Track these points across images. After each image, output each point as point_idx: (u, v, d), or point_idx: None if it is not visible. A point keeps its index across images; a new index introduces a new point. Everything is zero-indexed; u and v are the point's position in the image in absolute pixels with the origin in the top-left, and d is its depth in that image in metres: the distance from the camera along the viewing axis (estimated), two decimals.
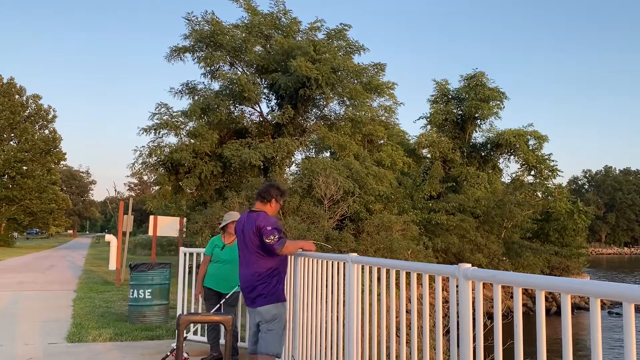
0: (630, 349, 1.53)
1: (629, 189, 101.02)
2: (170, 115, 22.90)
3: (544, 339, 1.88)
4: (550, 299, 22.02)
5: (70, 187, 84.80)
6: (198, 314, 2.33)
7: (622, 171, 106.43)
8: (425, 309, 2.88)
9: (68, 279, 16.77)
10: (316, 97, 24.25)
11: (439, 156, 30.97)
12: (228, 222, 6.02)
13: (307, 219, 18.46)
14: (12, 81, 45.41)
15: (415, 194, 26.12)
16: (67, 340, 7.00)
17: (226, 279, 5.81)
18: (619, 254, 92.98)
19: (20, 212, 44.60)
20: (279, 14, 25.28)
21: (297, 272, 4.78)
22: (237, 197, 19.22)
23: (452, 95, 34.54)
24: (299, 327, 4.68)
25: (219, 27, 24.13)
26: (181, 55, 24.91)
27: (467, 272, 2.26)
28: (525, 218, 25.83)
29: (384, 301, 2.87)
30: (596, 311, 1.64)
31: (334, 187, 18.90)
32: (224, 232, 6.06)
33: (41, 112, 47.80)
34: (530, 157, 32.20)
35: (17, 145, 44.31)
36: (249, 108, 25.30)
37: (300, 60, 21.62)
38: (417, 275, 2.79)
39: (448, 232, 23.38)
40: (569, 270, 26.96)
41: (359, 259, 3.60)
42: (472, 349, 2.25)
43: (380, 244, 17.70)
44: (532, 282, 1.90)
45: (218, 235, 6.18)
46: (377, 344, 3.21)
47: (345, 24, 24.91)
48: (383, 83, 25.42)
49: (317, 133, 24.41)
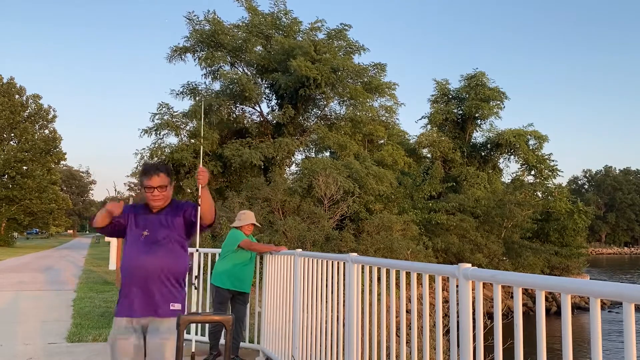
0: (630, 349, 1.53)
1: (629, 189, 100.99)
2: (171, 116, 22.92)
3: (544, 339, 1.88)
4: (550, 299, 22.01)
5: (70, 187, 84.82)
6: (198, 314, 2.33)
7: (622, 171, 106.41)
8: (425, 309, 2.88)
9: (68, 278, 16.77)
10: (316, 97, 24.26)
11: (439, 156, 30.97)
12: (248, 223, 5.80)
13: (307, 218, 18.46)
14: (12, 81, 45.41)
15: (415, 194, 26.11)
16: (67, 340, 6.99)
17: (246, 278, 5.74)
18: (619, 253, 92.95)
19: (20, 212, 44.59)
20: (280, 13, 25.29)
21: (297, 272, 4.77)
22: (237, 197, 19.22)
23: (453, 95, 34.55)
24: (299, 327, 4.68)
25: (220, 26, 24.16)
26: (182, 55, 24.94)
27: (467, 272, 2.26)
28: (525, 218, 25.83)
29: (384, 301, 2.87)
30: (596, 311, 1.64)
31: (334, 187, 18.90)
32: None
33: (41, 112, 47.79)
34: (530, 157, 32.21)
35: (17, 145, 44.32)
36: (249, 108, 25.33)
37: (301, 60, 21.63)
38: (417, 275, 2.79)
39: (448, 232, 23.39)
40: (569, 270, 26.96)
41: (359, 259, 3.59)
42: (472, 349, 2.25)
43: (380, 243, 17.70)
44: (532, 282, 1.90)
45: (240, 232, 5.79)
46: (377, 344, 3.21)
47: (345, 24, 24.95)
48: (384, 83, 25.42)
49: (317, 133, 24.41)
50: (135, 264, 3.15)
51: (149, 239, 3.18)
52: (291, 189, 20.13)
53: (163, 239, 3.20)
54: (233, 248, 5.66)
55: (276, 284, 5.49)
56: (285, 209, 19.16)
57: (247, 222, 5.80)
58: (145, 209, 3.31)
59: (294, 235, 17.05)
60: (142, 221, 3.26)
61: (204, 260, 6.90)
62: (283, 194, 19.30)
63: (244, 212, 5.94)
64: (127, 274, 3.17)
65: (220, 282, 5.64)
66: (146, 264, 3.13)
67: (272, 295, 5.62)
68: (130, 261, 3.17)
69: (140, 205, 3.39)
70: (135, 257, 3.15)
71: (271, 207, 19.02)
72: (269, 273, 5.76)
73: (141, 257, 3.14)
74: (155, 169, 3.22)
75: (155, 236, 3.19)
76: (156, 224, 3.24)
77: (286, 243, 16.22)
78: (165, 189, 3.24)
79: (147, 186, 3.20)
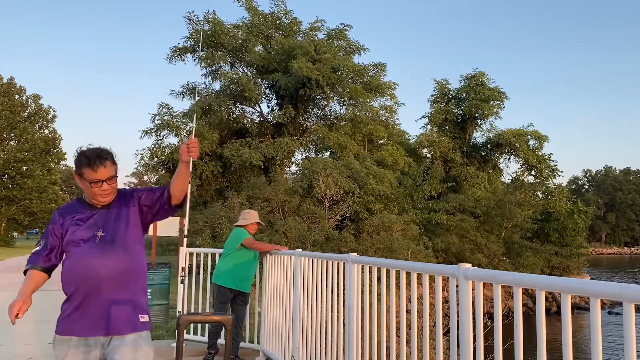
0: (630, 349, 1.53)
1: (629, 189, 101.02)
2: (171, 116, 22.93)
3: (544, 339, 1.88)
4: (550, 299, 22.01)
5: (70, 187, 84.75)
6: (198, 314, 2.31)
7: (622, 171, 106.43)
8: (425, 309, 2.88)
9: None
10: (316, 97, 24.28)
11: (439, 156, 30.97)
12: (253, 222, 5.79)
13: (307, 219, 18.46)
14: (12, 81, 45.40)
15: (415, 194, 26.11)
16: None
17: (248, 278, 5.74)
18: (619, 253, 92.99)
19: (20, 212, 44.58)
20: (280, 14, 25.31)
21: (297, 272, 4.77)
22: (237, 197, 19.22)
23: (453, 95, 34.55)
24: (299, 327, 4.68)
25: (220, 26, 24.17)
26: (182, 55, 24.94)
27: (467, 272, 2.26)
28: (525, 218, 25.83)
29: (384, 301, 2.86)
30: (596, 311, 1.64)
31: (334, 187, 18.90)
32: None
33: (41, 112, 47.77)
34: (531, 157, 32.21)
35: (17, 145, 44.31)
36: (249, 108, 25.34)
37: (301, 61, 21.64)
38: (417, 275, 2.78)
39: (448, 232, 23.39)
40: (569, 270, 26.95)
41: (359, 259, 3.59)
42: (472, 349, 2.25)
43: (380, 243, 17.71)
44: (532, 282, 1.90)
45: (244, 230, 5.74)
46: (377, 344, 3.21)
47: (345, 24, 24.98)
48: (384, 83, 25.44)
49: (317, 133, 24.42)
50: (91, 271, 2.51)
51: (105, 238, 2.58)
52: (291, 189, 20.14)
53: (121, 238, 2.62)
54: (236, 246, 5.61)
55: (276, 284, 5.48)
56: (285, 209, 19.16)
57: (252, 221, 5.78)
58: (84, 205, 2.70)
59: (294, 235, 17.04)
60: (88, 219, 2.63)
61: (204, 261, 6.90)
62: (283, 194, 19.31)
63: (248, 211, 5.92)
64: (79, 284, 2.53)
65: (223, 281, 5.59)
66: (106, 269, 2.53)
67: (272, 295, 5.62)
68: (85, 269, 2.52)
69: (72, 204, 2.76)
70: (90, 262, 2.52)
71: (271, 207, 19.02)
72: (269, 273, 5.76)
73: (98, 261, 2.53)
74: (99, 158, 2.57)
75: (112, 235, 2.60)
76: (109, 220, 2.64)
77: (286, 243, 16.22)
78: (114, 180, 2.66)
79: (93, 180, 2.57)
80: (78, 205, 2.72)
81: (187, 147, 2.68)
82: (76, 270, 2.55)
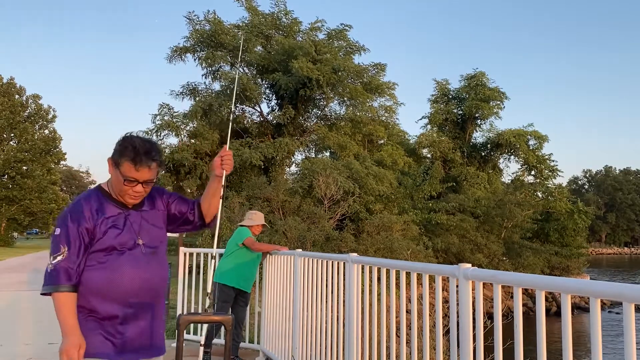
0: (630, 349, 1.53)
1: (629, 189, 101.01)
2: (171, 116, 22.93)
3: (544, 339, 1.88)
4: (550, 299, 22.01)
5: (70, 187, 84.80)
6: (198, 314, 2.30)
7: (622, 171, 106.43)
8: (425, 309, 2.88)
9: None
10: (316, 97, 24.29)
11: (439, 156, 30.98)
12: (259, 224, 5.80)
13: (307, 219, 18.46)
14: (12, 81, 45.40)
15: (415, 194, 26.13)
16: None
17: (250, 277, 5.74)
18: (619, 254, 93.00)
19: (20, 212, 44.59)
20: (280, 14, 25.31)
21: (297, 272, 4.77)
22: (237, 197, 19.22)
23: (453, 95, 34.57)
24: (299, 327, 4.68)
25: (220, 26, 24.17)
26: (182, 55, 24.94)
27: (467, 272, 2.26)
28: (525, 218, 25.85)
29: (384, 301, 2.87)
30: (596, 311, 1.64)
31: (334, 187, 18.90)
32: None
33: (41, 112, 47.77)
34: (531, 157, 32.22)
35: (17, 145, 44.31)
36: (249, 108, 25.34)
37: (302, 61, 21.65)
38: (417, 275, 2.78)
39: (448, 232, 23.40)
40: (569, 270, 26.97)
41: (359, 259, 3.59)
42: (472, 349, 2.25)
43: (380, 244, 17.72)
44: (532, 282, 1.90)
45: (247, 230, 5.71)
46: (377, 344, 3.21)
47: (345, 24, 24.99)
48: (383, 83, 25.45)
49: (317, 133, 24.43)
50: (140, 286, 2.21)
51: (147, 247, 2.29)
52: (291, 189, 20.15)
53: (160, 249, 2.36)
54: (238, 244, 5.60)
55: (276, 284, 5.48)
56: (285, 209, 19.17)
57: (258, 222, 5.79)
58: (112, 202, 2.27)
59: (294, 235, 17.05)
60: (124, 221, 2.26)
61: (204, 261, 6.90)
62: (284, 194, 19.32)
63: (255, 212, 5.91)
64: (122, 300, 2.19)
65: (226, 279, 5.56)
66: (151, 285, 2.25)
67: (272, 295, 5.62)
68: (131, 282, 2.20)
69: (96, 197, 2.28)
70: (138, 275, 2.21)
71: (271, 207, 19.03)
72: (269, 273, 5.76)
73: (148, 275, 2.24)
74: (147, 156, 2.19)
75: (151, 243, 2.31)
76: (145, 225, 2.31)
77: (286, 243, 16.22)
78: (151, 185, 2.27)
79: (129, 178, 2.18)
80: (104, 200, 2.27)
81: (221, 159, 2.41)
82: (121, 283, 2.18)
